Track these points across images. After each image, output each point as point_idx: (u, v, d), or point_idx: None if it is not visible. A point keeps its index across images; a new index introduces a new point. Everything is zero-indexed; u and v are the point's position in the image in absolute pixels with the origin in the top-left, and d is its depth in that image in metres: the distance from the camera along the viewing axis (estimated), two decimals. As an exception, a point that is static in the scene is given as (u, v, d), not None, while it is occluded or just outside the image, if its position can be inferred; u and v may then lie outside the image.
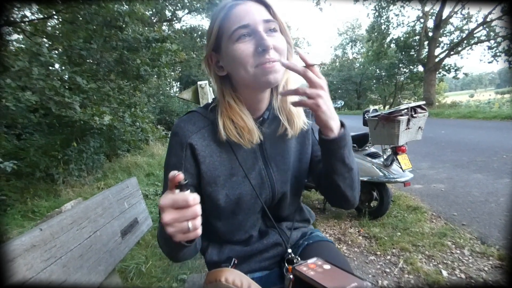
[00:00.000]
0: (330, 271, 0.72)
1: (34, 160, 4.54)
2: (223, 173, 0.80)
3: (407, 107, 2.59)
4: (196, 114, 0.83)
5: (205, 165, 0.78)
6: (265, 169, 0.83)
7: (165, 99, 11.95)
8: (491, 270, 1.98)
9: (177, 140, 0.79)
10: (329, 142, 0.73)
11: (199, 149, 0.77)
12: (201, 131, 0.79)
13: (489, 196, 3.24)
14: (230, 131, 0.76)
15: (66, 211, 0.79)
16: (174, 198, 0.53)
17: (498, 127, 8.36)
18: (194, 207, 0.54)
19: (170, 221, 0.53)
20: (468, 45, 18.77)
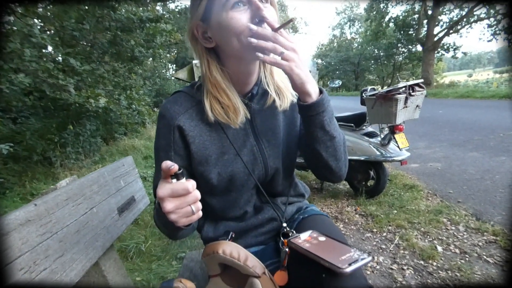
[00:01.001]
0: (326, 242, 0.72)
1: (30, 144, 4.51)
2: (214, 152, 0.79)
3: (405, 85, 2.57)
4: (182, 94, 0.82)
5: (195, 145, 0.78)
6: (257, 145, 0.83)
7: (161, 82, 11.83)
8: (485, 245, 2.01)
9: (165, 123, 0.78)
10: (307, 108, 0.72)
11: (187, 130, 0.77)
12: (188, 112, 0.78)
13: (485, 174, 3.27)
14: (217, 111, 0.75)
15: (61, 188, 0.78)
16: (172, 188, 0.54)
17: (496, 106, 8.35)
18: (194, 192, 0.55)
19: (172, 209, 0.54)
20: (467, 23, 18.52)
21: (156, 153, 0.81)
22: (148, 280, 1.87)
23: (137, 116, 6.15)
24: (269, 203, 0.89)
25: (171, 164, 0.53)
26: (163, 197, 0.54)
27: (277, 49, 0.64)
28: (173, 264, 2.06)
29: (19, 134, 4.65)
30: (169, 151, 0.78)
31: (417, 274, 1.81)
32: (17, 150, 4.20)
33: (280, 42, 0.64)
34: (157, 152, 0.81)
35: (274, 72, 0.82)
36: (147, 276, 1.90)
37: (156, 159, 0.82)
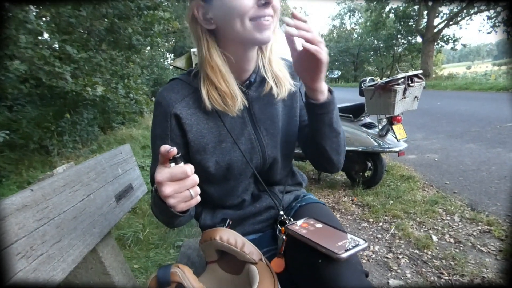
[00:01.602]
0: (322, 229, 0.73)
1: (27, 132, 4.48)
2: (212, 141, 0.79)
3: (404, 76, 2.56)
4: (179, 81, 0.80)
5: (192, 134, 0.77)
6: (255, 133, 0.82)
7: (159, 71, 11.72)
8: (480, 235, 2.04)
9: (161, 111, 0.77)
10: (319, 106, 0.74)
11: (184, 118, 0.76)
12: (185, 99, 0.77)
13: (481, 165, 3.29)
14: (214, 99, 0.74)
15: (58, 174, 0.78)
16: (171, 172, 0.54)
17: (494, 98, 8.36)
18: (192, 176, 0.55)
19: (171, 193, 0.54)
20: (467, 14, 18.39)
21: (153, 141, 0.80)
22: (146, 267, 1.89)
23: (134, 106, 6.10)
24: (267, 191, 0.89)
25: (169, 148, 0.52)
26: (162, 181, 0.53)
27: (316, 39, 0.64)
28: (171, 252, 2.07)
29: (15, 122, 4.61)
30: (165, 139, 0.77)
31: (412, 263, 1.83)
32: (13, 138, 4.17)
33: (308, 38, 0.64)
34: (153, 140, 0.80)
35: (272, 60, 0.81)
36: (145, 264, 1.92)
37: (152, 148, 0.81)
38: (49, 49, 3.95)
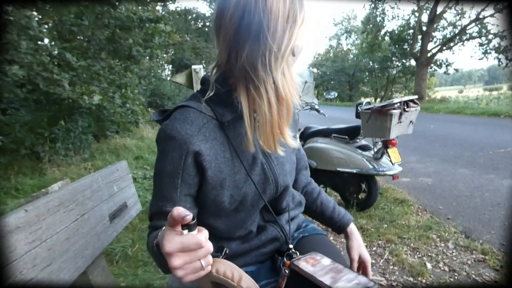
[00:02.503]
0: (329, 267, 0.71)
1: (19, 137, 4.41)
2: (228, 174, 0.73)
3: (400, 100, 2.59)
4: (190, 110, 0.72)
5: (211, 170, 0.71)
6: (267, 163, 0.78)
7: (156, 82, 11.73)
8: (474, 264, 2.03)
9: (175, 146, 0.68)
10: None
11: (204, 154, 0.69)
12: (201, 131, 0.70)
13: (474, 191, 3.31)
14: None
15: (53, 193, 0.76)
16: (183, 242, 0.47)
17: (485, 123, 8.51)
18: (207, 245, 0.49)
19: (180, 265, 0.47)
20: (460, 41, 18.94)
21: (159, 177, 0.72)
22: (133, 286, 1.83)
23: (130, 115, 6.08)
24: (275, 221, 0.85)
25: (184, 214, 0.46)
26: (171, 252, 0.47)
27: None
28: (160, 270, 2.02)
29: (7, 125, 4.54)
30: (176, 178, 0.70)
31: (406, 291, 1.81)
32: (4, 142, 4.10)
33: None
34: (159, 176, 0.72)
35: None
36: (132, 282, 1.86)
37: (157, 184, 0.73)
38: (49, 55, 3.94)
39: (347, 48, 38.43)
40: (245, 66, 0.64)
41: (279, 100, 0.66)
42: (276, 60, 0.63)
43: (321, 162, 3.02)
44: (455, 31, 18.94)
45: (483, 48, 18.16)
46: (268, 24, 0.61)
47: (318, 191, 1.02)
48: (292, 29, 0.64)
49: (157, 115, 0.78)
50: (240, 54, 0.63)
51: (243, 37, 0.63)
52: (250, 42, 0.62)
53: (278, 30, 0.62)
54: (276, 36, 0.62)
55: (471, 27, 18.01)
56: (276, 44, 0.62)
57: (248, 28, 0.62)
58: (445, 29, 19.99)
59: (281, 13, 0.62)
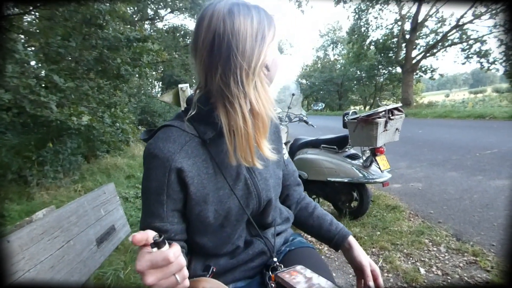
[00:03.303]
0: (313, 279, 0.72)
1: (5, 161, 4.33)
2: (211, 189, 0.75)
3: (385, 109, 2.64)
4: (173, 129, 0.75)
5: (194, 186, 0.73)
6: (250, 178, 0.80)
7: (146, 99, 11.72)
8: (466, 266, 2.05)
9: (158, 164, 0.71)
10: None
11: (186, 170, 0.71)
12: (183, 149, 0.72)
13: (464, 194, 3.36)
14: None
15: (37, 221, 0.76)
16: (152, 260, 0.48)
17: (472, 126, 8.68)
18: (177, 260, 0.50)
19: (154, 282, 0.49)
20: (442, 47, 19.48)
21: (145, 194, 0.74)
22: (127, 309, 1.79)
23: (120, 134, 6.04)
24: (260, 236, 0.86)
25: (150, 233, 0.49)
26: (142, 270, 0.48)
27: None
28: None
29: (-7, 150, 4.47)
30: (161, 194, 0.72)
31: (401, 298, 1.81)
32: (-11, 168, 4.04)
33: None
34: (146, 193, 0.74)
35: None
36: (125, 305, 1.83)
37: (145, 202, 0.75)
38: (35, 78, 3.92)
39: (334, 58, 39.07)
40: (220, 85, 0.67)
41: (254, 114, 0.69)
42: (247, 77, 0.67)
43: (312, 173, 3.04)
44: (437, 38, 19.49)
45: (465, 53, 18.71)
46: (237, 45, 0.65)
47: (313, 206, 1.02)
48: (261, 47, 0.67)
49: (144, 134, 0.80)
50: (215, 74, 0.67)
51: (216, 58, 0.66)
52: (222, 62, 0.66)
53: (247, 49, 0.66)
54: (246, 54, 0.66)
55: (452, 33, 18.59)
56: (246, 62, 0.66)
57: (219, 50, 0.65)
58: (427, 37, 20.59)
59: (249, 33, 0.66)
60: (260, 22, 0.68)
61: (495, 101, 18.61)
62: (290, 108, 3.43)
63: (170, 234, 0.75)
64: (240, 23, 0.65)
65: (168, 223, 0.74)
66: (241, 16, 0.66)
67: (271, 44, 0.70)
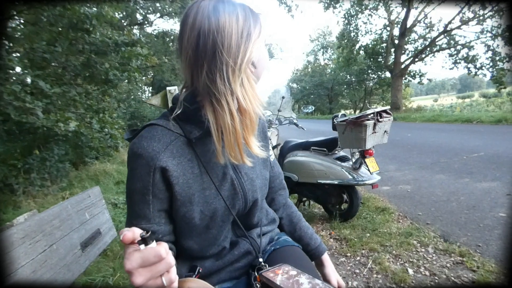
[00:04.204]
0: (296, 277, 0.72)
1: (-10, 170, 4.25)
2: (197, 190, 0.74)
3: (373, 112, 2.68)
4: (158, 128, 0.73)
5: (179, 186, 0.71)
6: (237, 178, 0.79)
7: (136, 104, 11.63)
8: (453, 266, 2.07)
9: (142, 163, 0.69)
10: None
11: (171, 170, 0.70)
12: (168, 148, 0.71)
13: (451, 196, 3.41)
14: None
15: (18, 225, 0.74)
16: (143, 256, 0.47)
17: (459, 129, 8.84)
18: (167, 258, 0.49)
19: (143, 282, 0.47)
20: (431, 52, 19.84)
21: (130, 195, 0.73)
22: (115, 316, 1.76)
23: (109, 140, 5.98)
24: (245, 236, 0.85)
25: (136, 230, 0.47)
26: (132, 269, 0.47)
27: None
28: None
29: (-23, 159, 4.38)
30: (146, 194, 0.70)
31: (390, 299, 1.82)
32: (-26, 177, 3.95)
33: None
34: (131, 194, 0.72)
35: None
36: (113, 312, 1.79)
37: (129, 203, 0.73)
38: (20, 84, 3.87)
39: (324, 63, 39.54)
40: (206, 82, 0.67)
41: (241, 111, 0.68)
42: (233, 73, 0.66)
43: (302, 175, 3.06)
44: (426, 43, 19.87)
45: (453, 58, 19.09)
46: (222, 41, 0.64)
47: (298, 217, 1.05)
48: (247, 44, 0.67)
49: (128, 134, 0.78)
50: (201, 72, 0.67)
51: (201, 56, 0.66)
52: (207, 60, 0.65)
53: (232, 46, 0.65)
54: (231, 51, 0.65)
55: (440, 39, 18.97)
56: (232, 59, 0.65)
57: (205, 47, 0.65)
58: (416, 42, 20.97)
59: (234, 30, 0.66)
60: (245, 19, 0.68)
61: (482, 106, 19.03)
62: (280, 111, 3.45)
63: (158, 235, 0.74)
64: (225, 20, 0.65)
65: (155, 224, 0.73)
66: (226, 13, 0.66)
67: (258, 41, 0.70)
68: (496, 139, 6.48)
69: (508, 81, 16.48)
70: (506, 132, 7.19)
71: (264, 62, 0.78)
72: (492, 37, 16.35)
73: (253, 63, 0.72)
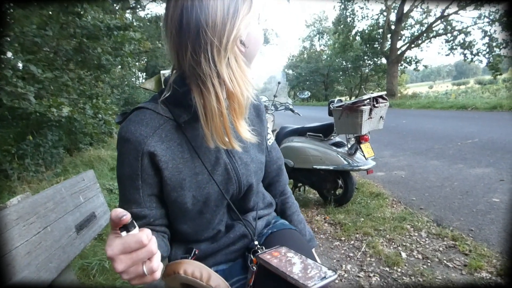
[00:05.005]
0: (293, 259, 0.72)
1: (-16, 156, 4.21)
2: (188, 174, 0.73)
3: (369, 97, 2.67)
4: (146, 111, 0.71)
5: (168, 171, 0.70)
6: (230, 163, 0.78)
7: (130, 90, 11.50)
8: (445, 250, 2.11)
9: (130, 148, 0.68)
10: None
11: (159, 154, 0.69)
12: (157, 132, 0.70)
13: (445, 181, 3.45)
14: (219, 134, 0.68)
15: (11, 206, 0.73)
16: (123, 243, 0.46)
17: (454, 116, 8.89)
18: (149, 245, 0.48)
19: (125, 269, 0.47)
20: (427, 38, 19.76)
21: (120, 180, 0.72)
22: (112, 299, 1.78)
23: (103, 126, 5.93)
24: (240, 220, 0.85)
25: (122, 214, 0.45)
26: (113, 255, 0.46)
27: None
28: (139, 280, 1.97)
29: (-29, 145, 4.33)
30: (136, 179, 0.70)
31: (383, 281, 1.85)
32: (-33, 163, 3.91)
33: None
34: (121, 179, 0.72)
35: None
36: (110, 295, 1.81)
37: (120, 188, 0.73)
38: (11, 68, 3.79)
39: (320, 49, 39.24)
40: (191, 64, 0.64)
41: (228, 94, 0.65)
42: (219, 54, 0.62)
43: (298, 161, 3.06)
44: (422, 29, 19.75)
45: (449, 44, 19.04)
46: (206, 19, 0.60)
47: (292, 209, 1.04)
48: (234, 21, 0.63)
49: (119, 117, 0.76)
50: (185, 52, 0.63)
51: (184, 36, 0.62)
52: (191, 39, 0.62)
53: (217, 24, 0.61)
54: (216, 30, 0.61)
55: (436, 24, 18.86)
56: (217, 38, 0.61)
57: (188, 26, 0.61)
58: (412, 27, 20.84)
59: (219, 6, 0.61)
60: None
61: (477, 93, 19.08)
62: (276, 97, 3.43)
63: (149, 219, 0.74)
64: None
65: (146, 208, 0.73)
66: None
67: (247, 18, 0.66)
68: (490, 125, 6.54)
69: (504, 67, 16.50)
70: (501, 119, 7.24)
71: (257, 40, 0.72)
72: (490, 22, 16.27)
73: (242, 41, 0.67)
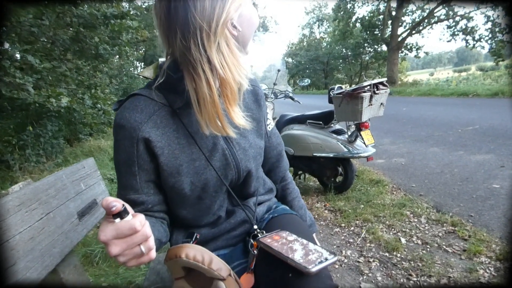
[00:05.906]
0: (294, 242, 0.73)
1: (-15, 146, 4.22)
2: (185, 160, 0.73)
3: (370, 83, 2.65)
4: (141, 98, 0.71)
5: (164, 157, 0.71)
6: (228, 148, 0.78)
7: (128, 80, 11.42)
8: (445, 235, 2.13)
9: (125, 135, 0.68)
10: None
11: (154, 140, 0.69)
12: (152, 118, 0.70)
13: (445, 168, 3.46)
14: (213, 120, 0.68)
15: (13, 193, 0.74)
16: (117, 229, 0.47)
17: (455, 103, 8.86)
18: (143, 230, 0.49)
19: (119, 252, 0.48)
20: (428, 24, 19.51)
21: (118, 167, 0.73)
22: (115, 285, 1.81)
23: (102, 116, 5.92)
24: (240, 205, 0.85)
25: (112, 205, 0.45)
26: (106, 240, 0.47)
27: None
28: (142, 267, 2.00)
29: (-29, 136, 4.34)
30: (132, 165, 0.70)
31: (382, 266, 1.88)
32: (-31, 154, 3.92)
33: None
34: (118, 166, 0.73)
35: None
36: (114, 281, 1.84)
37: (118, 175, 0.74)
38: (9, 59, 3.76)
39: (320, 36, 38.80)
40: (181, 49, 0.63)
41: (220, 79, 0.64)
42: (208, 38, 0.61)
43: (298, 149, 3.06)
44: (424, 15, 19.48)
45: (451, 30, 18.82)
46: (194, 3, 0.59)
47: (293, 195, 1.04)
48: (223, 4, 0.62)
49: (116, 105, 0.76)
50: (175, 38, 0.63)
51: (173, 20, 0.62)
52: (180, 24, 0.61)
53: (206, 8, 0.60)
54: (205, 14, 0.60)
55: (438, 9, 18.58)
56: (206, 22, 0.60)
57: (176, 11, 0.60)
58: (413, 13, 20.55)
59: None
60: None
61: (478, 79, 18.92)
62: (276, 85, 3.41)
63: (147, 206, 0.75)
64: None
65: (144, 195, 0.73)
66: None
67: (237, 0, 0.65)
68: (492, 112, 6.51)
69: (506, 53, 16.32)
70: (502, 105, 7.20)
71: (250, 22, 0.70)
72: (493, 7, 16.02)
73: (234, 24, 0.66)
